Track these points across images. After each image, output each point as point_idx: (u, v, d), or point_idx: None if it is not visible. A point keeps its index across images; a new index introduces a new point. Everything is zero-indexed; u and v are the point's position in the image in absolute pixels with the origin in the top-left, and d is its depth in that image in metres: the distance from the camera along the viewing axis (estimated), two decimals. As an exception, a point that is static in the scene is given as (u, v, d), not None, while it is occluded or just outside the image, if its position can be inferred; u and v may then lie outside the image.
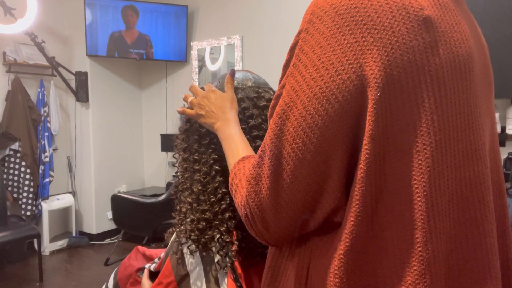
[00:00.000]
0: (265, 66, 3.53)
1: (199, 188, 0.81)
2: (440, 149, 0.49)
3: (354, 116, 0.49)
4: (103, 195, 4.10)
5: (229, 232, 0.79)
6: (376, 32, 0.48)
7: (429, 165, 0.48)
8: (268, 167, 0.54)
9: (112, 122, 4.25)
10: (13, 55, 3.65)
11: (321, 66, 0.50)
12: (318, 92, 0.50)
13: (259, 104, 0.84)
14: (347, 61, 0.48)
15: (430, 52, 0.49)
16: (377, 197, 0.49)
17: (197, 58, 4.10)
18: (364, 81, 0.48)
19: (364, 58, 0.48)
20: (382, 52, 0.47)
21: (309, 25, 0.52)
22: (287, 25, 3.53)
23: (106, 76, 4.18)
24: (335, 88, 0.49)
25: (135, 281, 1.06)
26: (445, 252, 0.49)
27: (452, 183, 0.50)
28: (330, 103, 0.49)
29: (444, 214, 0.49)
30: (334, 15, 0.50)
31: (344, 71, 0.48)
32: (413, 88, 0.48)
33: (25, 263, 3.61)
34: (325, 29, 0.50)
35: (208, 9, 4.03)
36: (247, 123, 0.82)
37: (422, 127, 0.48)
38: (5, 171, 3.65)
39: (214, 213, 0.79)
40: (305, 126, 0.50)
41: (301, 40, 0.53)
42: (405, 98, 0.48)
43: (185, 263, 0.82)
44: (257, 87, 0.87)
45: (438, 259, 0.48)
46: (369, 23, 0.48)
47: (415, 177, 0.48)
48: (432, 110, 0.48)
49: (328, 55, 0.49)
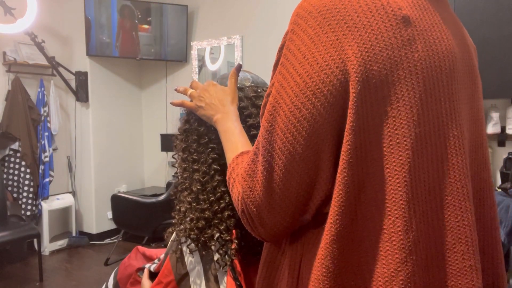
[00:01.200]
0: (265, 66, 3.53)
1: (198, 188, 0.81)
2: (420, 142, 0.51)
3: (339, 109, 0.52)
4: (103, 195, 4.11)
5: (229, 231, 0.79)
6: (356, 30, 0.51)
7: (409, 156, 0.50)
8: (262, 164, 0.56)
9: (112, 122, 4.25)
10: (13, 55, 3.65)
11: (306, 63, 0.53)
12: (304, 87, 0.52)
13: (258, 103, 0.84)
14: (330, 57, 0.51)
15: (408, 49, 0.51)
16: (359, 188, 0.51)
17: (197, 58, 4.10)
18: (346, 76, 0.51)
19: (345, 54, 0.51)
20: (362, 48, 0.50)
21: (294, 26, 0.56)
22: (287, 25, 3.53)
23: (106, 76, 4.19)
24: (320, 82, 0.51)
25: (135, 281, 1.06)
26: (425, 240, 0.52)
27: (432, 174, 0.52)
28: (316, 97, 0.52)
29: (424, 204, 0.52)
30: (316, 15, 0.53)
31: (327, 67, 0.51)
32: (393, 82, 0.50)
33: (25, 263, 3.62)
34: (309, 29, 0.53)
35: (208, 9, 4.04)
36: (246, 122, 0.82)
37: (402, 119, 0.51)
38: (5, 171, 3.65)
39: (213, 212, 0.79)
40: (294, 120, 0.53)
41: (287, 40, 0.57)
42: (384, 92, 0.50)
43: (184, 262, 0.82)
44: (256, 86, 0.87)
45: (419, 247, 0.51)
46: (349, 22, 0.51)
47: (395, 168, 0.50)
48: (412, 104, 0.51)
49: (312, 52, 0.52)
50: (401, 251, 0.49)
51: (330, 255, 0.51)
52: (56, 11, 4.04)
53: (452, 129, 0.54)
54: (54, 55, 3.89)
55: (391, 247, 0.49)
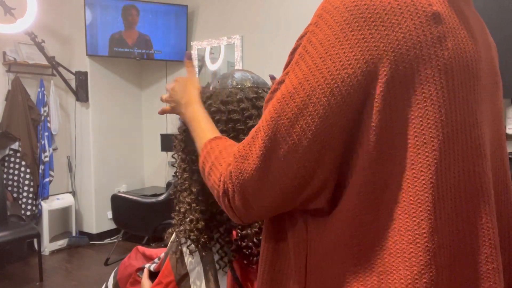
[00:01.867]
0: (265, 66, 3.53)
1: (197, 189, 0.81)
2: (448, 142, 0.50)
3: (354, 111, 0.51)
4: (103, 195, 4.10)
5: (228, 232, 0.79)
6: (384, 29, 0.49)
7: (436, 157, 0.49)
8: (260, 148, 0.55)
9: (112, 122, 4.25)
10: (13, 55, 3.65)
11: (328, 59, 0.51)
12: (323, 83, 0.51)
13: (258, 104, 0.83)
14: (353, 56, 0.50)
15: (438, 46, 0.50)
16: (382, 188, 0.51)
17: (197, 58, 4.10)
18: (368, 78, 0.49)
19: (370, 55, 0.49)
20: (388, 49, 0.49)
21: (318, 20, 0.54)
22: (287, 25, 3.53)
23: (106, 76, 4.18)
24: (340, 81, 0.50)
25: (135, 281, 1.06)
26: (449, 243, 0.51)
27: (458, 176, 0.51)
28: (333, 95, 0.50)
29: (450, 206, 0.51)
30: (344, 11, 0.51)
31: (350, 66, 0.50)
32: (420, 81, 0.49)
33: (25, 262, 3.61)
34: (334, 24, 0.52)
35: (208, 9, 4.03)
36: (246, 124, 0.81)
37: (430, 120, 0.49)
38: (5, 171, 3.65)
39: (213, 213, 0.79)
40: (305, 113, 0.52)
41: (309, 32, 0.55)
42: (410, 92, 0.49)
43: (184, 262, 0.82)
44: (256, 87, 0.86)
45: (443, 250, 0.50)
46: (377, 20, 0.50)
47: (422, 169, 0.49)
48: (440, 104, 0.50)
49: (336, 48, 0.51)
50: (425, 253, 0.49)
51: (350, 251, 0.51)
52: (56, 11, 4.03)
53: (478, 130, 0.53)
54: (54, 55, 3.88)
55: (415, 249, 0.49)
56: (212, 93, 0.84)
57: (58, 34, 4.07)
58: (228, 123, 0.80)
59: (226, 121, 0.80)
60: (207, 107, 0.82)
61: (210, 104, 0.82)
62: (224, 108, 0.81)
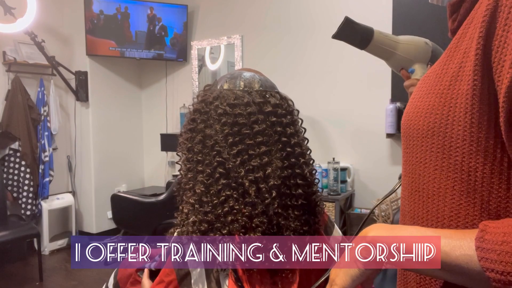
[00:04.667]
0: (265, 66, 3.53)
1: (202, 189, 0.80)
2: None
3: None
4: (103, 195, 4.10)
5: (231, 235, 0.78)
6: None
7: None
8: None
9: (112, 122, 4.25)
10: (13, 55, 3.65)
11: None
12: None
13: (265, 109, 0.82)
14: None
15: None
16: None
17: (197, 57, 4.10)
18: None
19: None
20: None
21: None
22: (288, 25, 3.53)
23: (106, 75, 4.18)
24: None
25: (135, 280, 1.06)
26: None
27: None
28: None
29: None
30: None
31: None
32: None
33: (25, 262, 3.61)
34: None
35: (208, 9, 4.03)
36: (252, 129, 0.80)
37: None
38: (5, 171, 3.65)
39: (216, 216, 0.79)
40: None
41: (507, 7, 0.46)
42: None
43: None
44: (264, 91, 0.84)
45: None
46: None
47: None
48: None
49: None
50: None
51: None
52: (56, 10, 4.03)
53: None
54: (54, 54, 3.88)
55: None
56: (219, 93, 0.84)
57: (58, 33, 4.07)
58: (234, 126, 0.80)
59: (232, 124, 0.80)
60: (214, 108, 0.81)
61: (217, 106, 0.82)
62: (231, 111, 0.80)
